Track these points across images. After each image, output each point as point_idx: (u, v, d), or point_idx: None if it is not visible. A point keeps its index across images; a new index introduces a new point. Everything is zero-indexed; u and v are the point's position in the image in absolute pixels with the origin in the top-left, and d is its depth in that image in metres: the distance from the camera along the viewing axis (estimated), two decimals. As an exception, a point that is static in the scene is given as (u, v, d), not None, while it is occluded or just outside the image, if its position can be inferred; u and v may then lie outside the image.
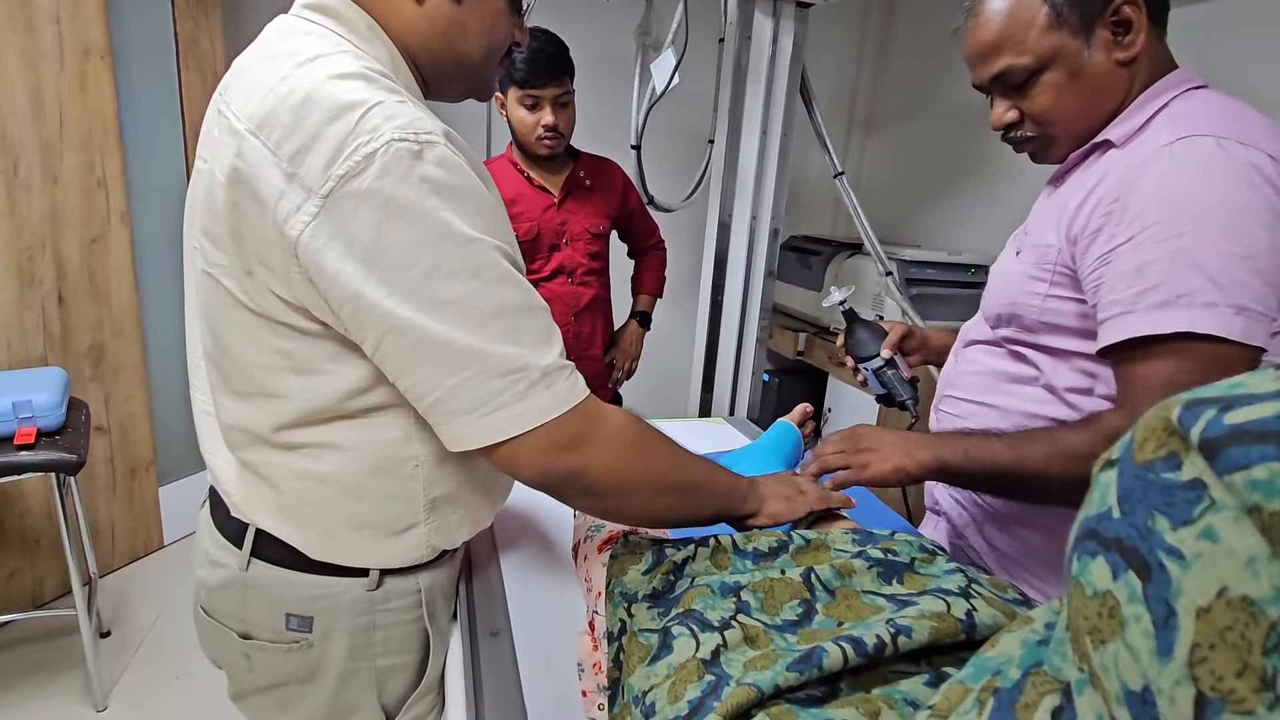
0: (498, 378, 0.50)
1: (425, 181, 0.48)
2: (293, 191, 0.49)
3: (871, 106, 2.85)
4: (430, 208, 0.48)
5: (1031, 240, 0.76)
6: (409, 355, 0.50)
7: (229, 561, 0.65)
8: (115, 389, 1.93)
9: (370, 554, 0.64)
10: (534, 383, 0.51)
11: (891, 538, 0.62)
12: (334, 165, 0.48)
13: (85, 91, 1.75)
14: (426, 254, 0.49)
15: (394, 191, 0.48)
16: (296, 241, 0.49)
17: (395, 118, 0.49)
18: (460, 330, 0.49)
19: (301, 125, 0.49)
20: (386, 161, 0.47)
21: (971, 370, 0.85)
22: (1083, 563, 0.23)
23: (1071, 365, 0.74)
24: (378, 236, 0.48)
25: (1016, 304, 0.76)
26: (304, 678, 0.67)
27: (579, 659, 0.63)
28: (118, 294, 1.89)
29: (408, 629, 0.68)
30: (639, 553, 0.63)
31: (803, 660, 0.43)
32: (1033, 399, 0.77)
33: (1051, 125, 0.73)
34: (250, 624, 0.66)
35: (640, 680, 0.48)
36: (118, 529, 2.00)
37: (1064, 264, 0.71)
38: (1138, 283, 0.63)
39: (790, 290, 2.44)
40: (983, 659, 0.32)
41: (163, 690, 1.58)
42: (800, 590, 0.53)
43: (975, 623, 0.47)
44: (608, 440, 0.55)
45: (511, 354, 0.51)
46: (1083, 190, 0.70)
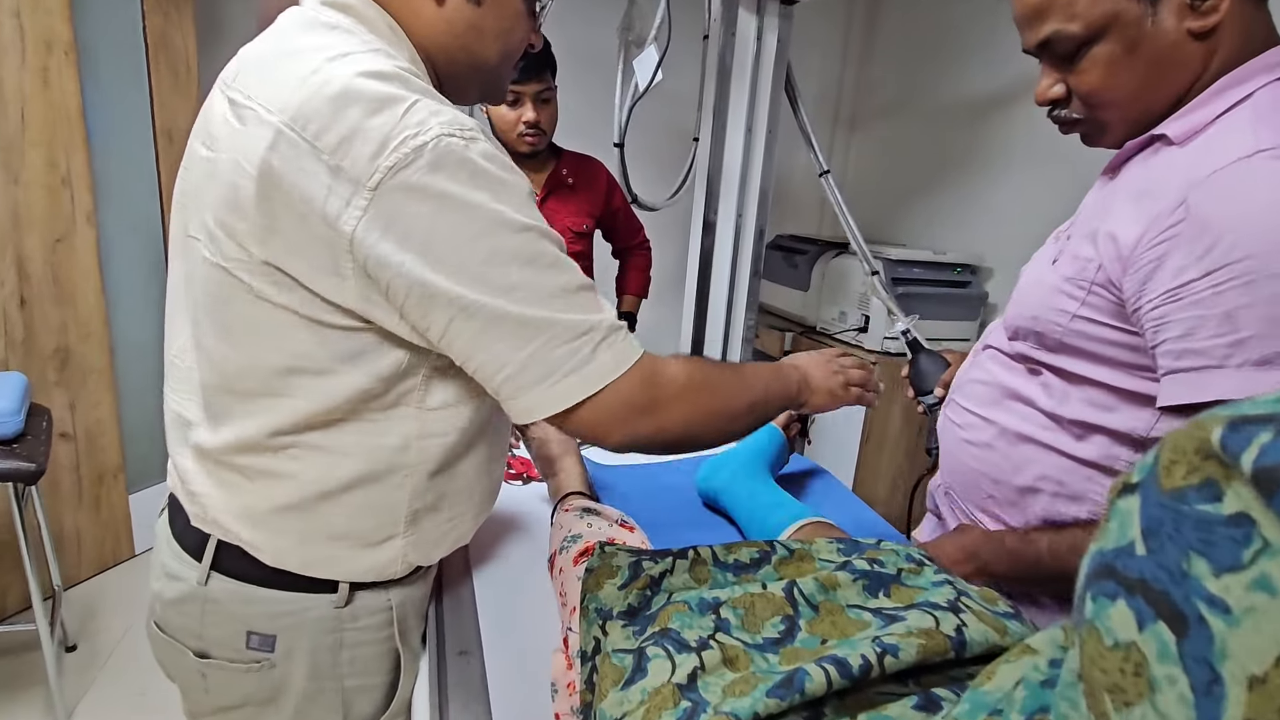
0: (565, 344, 0.52)
1: (477, 175, 0.50)
2: (340, 186, 0.48)
3: (856, 104, 2.84)
4: (483, 200, 0.50)
5: (1071, 248, 0.66)
6: (479, 335, 0.51)
7: (187, 574, 0.62)
8: (82, 394, 1.86)
9: (342, 565, 0.61)
10: (597, 344, 0.53)
11: (878, 547, 0.60)
12: (380, 157, 0.47)
13: (48, 87, 1.69)
14: (484, 243, 0.50)
15: (446, 185, 0.49)
16: (351, 236, 0.49)
17: (440, 113, 0.50)
18: (527, 307, 0.51)
19: (342, 117, 0.48)
20: (437, 155, 0.48)
21: (981, 379, 0.78)
22: (1099, 605, 0.20)
23: (1084, 395, 0.66)
24: (433, 228, 0.49)
25: (1039, 319, 0.67)
26: (264, 699, 0.64)
27: (552, 679, 0.60)
28: (84, 296, 1.83)
29: (377, 649, 0.65)
30: (615, 566, 0.60)
31: (784, 685, 0.40)
32: (1035, 424, 0.70)
33: (1101, 107, 0.62)
34: (208, 641, 0.62)
35: (613, 706, 0.45)
36: (85, 539, 1.93)
37: (1104, 284, 0.60)
38: (1226, 332, 0.52)
39: (776, 290, 2.42)
40: (979, 694, 0.29)
41: (129, 707, 1.52)
42: (782, 606, 0.51)
43: (965, 639, 0.45)
44: (677, 399, 0.57)
45: (576, 320, 0.53)
46: (1132, 197, 0.59)
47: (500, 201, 0.50)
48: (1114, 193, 0.64)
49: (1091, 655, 0.20)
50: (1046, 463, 0.69)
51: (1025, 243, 0.82)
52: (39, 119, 1.68)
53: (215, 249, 0.54)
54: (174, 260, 0.62)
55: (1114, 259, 0.59)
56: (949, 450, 0.81)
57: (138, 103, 1.94)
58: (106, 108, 1.86)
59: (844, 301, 2.15)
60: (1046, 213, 2.05)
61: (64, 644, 1.67)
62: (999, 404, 0.74)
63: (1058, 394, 0.68)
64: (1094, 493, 0.66)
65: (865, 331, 2.07)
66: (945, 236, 2.34)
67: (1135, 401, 0.63)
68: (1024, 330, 0.70)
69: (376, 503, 0.59)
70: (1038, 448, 0.70)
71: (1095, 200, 0.68)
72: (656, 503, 1.01)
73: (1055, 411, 0.68)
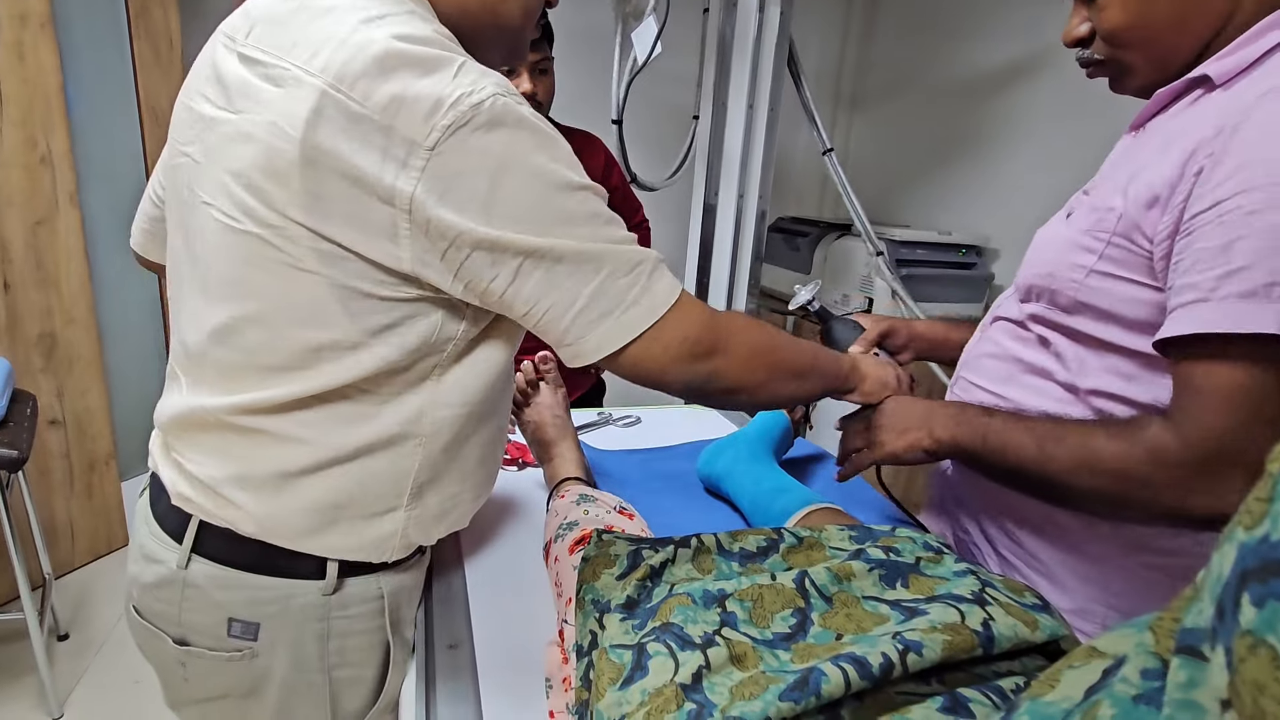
0: (625, 275, 0.53)
1: (534, 135, 0.50)
2: (395, 147, 0.47)
3: (859, 83, 2.77)
4: (543, 160, 0.50)
5: (1090, 201, 0.62)
6: (546, 276, 0.52)
7: (166, 557, 0.59)
8: (69, 381, 1.82)
9: (337, 538, 0.57)
10: (650, 273, 0.54)
11: (893, 534, 0.56)
12: (436, 116, 0.47)
13: (24, 62, 1.63)
14: (548, 201, 0.51)
15: (506, 143, 0.49)
16: (411, 197, 0.48)
17: (489, 74, 0.50)
18: (590, 243, 0.52)
19: (391, 78, 0.47)
20: (494, 114, 0.48)
21: (991, 353, 0.74)
22: (1273, 612, 0.15)
23: (1103, 362, 0.62)
24: (494, 187, 0.49)
25: (1054, 275, 0.63)
26: (246, 691, 0.61)
27: (546, 674, 0.57)
28: (68, 280, 1.78)
29: (367, 639, 0.62)
30: (613, 555, 0.57)
31: (798, 686, 0.37)
32: (1053, 398, 0.66)
33: (1125, 47, 0.60)
34: (187, 628, 0.59)
35: (610, 707, 0.42)
36: (77, 527, 1.90)
37: (1125, 234, 0.57)
38: (1219, 264, 0.49)
39: (778, 273, 2.37)
40: (1041, 705, 0.26)
41: (122, 695, 1.50)
42: (793, 598, 0.47)
43: (994, 635, 0.41)
44: (737, 345, 0.58)
45: (631, 251, 0.54)
46: (1165, 142, 0.56)
47: (557, 161, 0.51)
48: (1143, 144, 0.61)
49: (1260, 681, 0.15)
50: None
51: (1031, 223, 0.77)
52: (16, 96, 1.62)
53: (243, 214, 0.52)
54: (173, 229, 0.60)
55: (1144, 204, 0.55)
56: None
57: (120, 79, 1.89)
58: (87, 84, 1.80)
59: (847, 284, 2.11)
60: (1052, 192, 2.00)
61: (56, 632, 1.65)
62: (1013, 379, 0.70)
63: (1074, 364, 0.64)
64: None
65: (868, 314, 2.03)
66: (950, 217, 2.29)
67: (1157, 368, 0.59)
68: (1038, 289, 0.66)
69: (386, 471, 0.57)
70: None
71: (1121, 155, 0.65)
72: (657, 489, 0.97)
73: (1073, 383, 0.64)
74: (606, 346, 0.54)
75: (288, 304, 0.52)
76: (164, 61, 1.97)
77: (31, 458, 1.46)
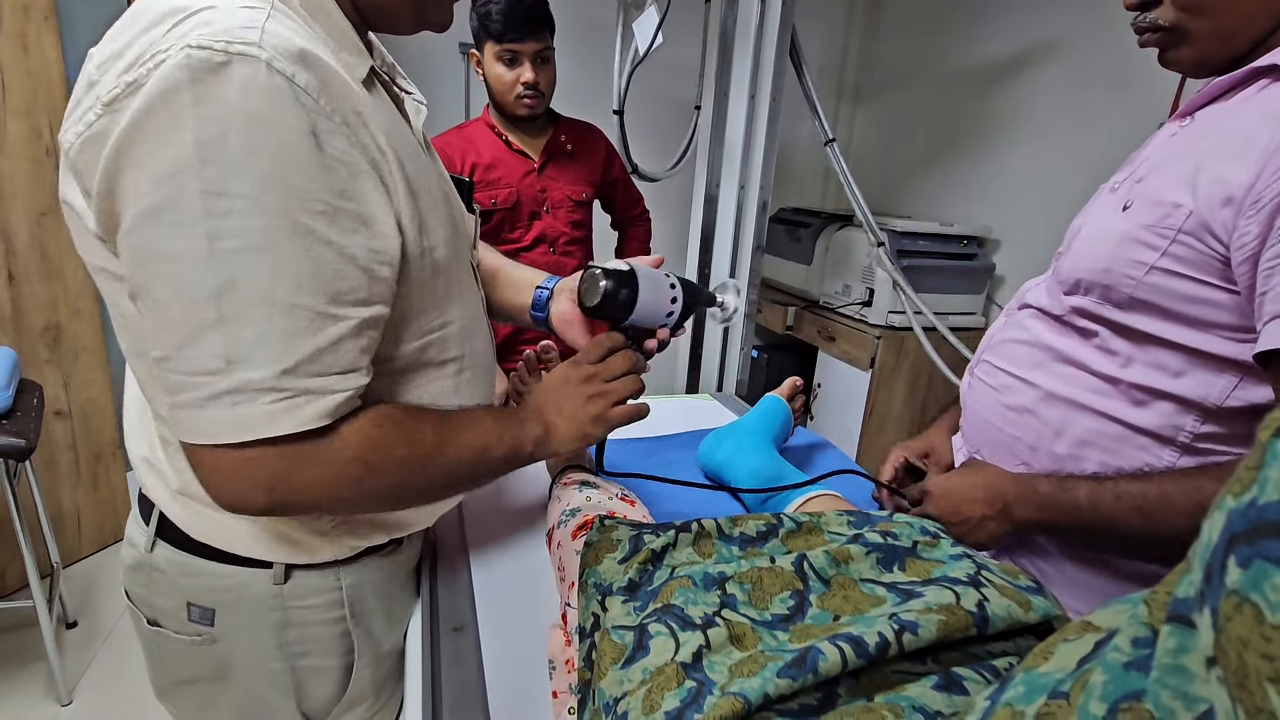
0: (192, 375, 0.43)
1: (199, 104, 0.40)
2: (87, 99, 0.42)
3: (861, 75, 2.76)
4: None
5: (1149, 193, 0.60)
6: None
7: (139, 540, 0.60)
8: (75, 371, 1.83)
9: (260, 542, 0.56)
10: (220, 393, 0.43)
11: (890, 519, 0.57)
12: (127, 73, 0.40)
13: (28, 54, 1.63)
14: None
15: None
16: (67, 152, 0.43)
17: (212, 23, 0.40)
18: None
19: (119, 36, 0.42)
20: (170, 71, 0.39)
21: (1021, 339, 0.73)
22: (1259, 571, 0.16)
23: (1150, 357, 0.61)
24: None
25: (1111, 271, 0.61)
26: (213, 675, 0.62)
27: (549, 656, 0.58)
28: (73, 271, 1.79)
29: (327, 630, 0.61)
30: (615, 540, 0.58)
31: (796, 664, 0.38)
32: (1085, 387, 0.65)
33: (1194, 12, 0.57)
34: (156, 611, 0.61)
35: (612, 685, 0.43)
36: (84, 516, 1.92)
37: (1194, 232, 0.55)
38: None
39: (779, 264, 2.37)
40: (1034, 674, 0.26)
41: (130, 681, 1.52)
42: (792, 580, 0.48)
43: (988, 615, 0.42)
44: (318, 483, 0.46)
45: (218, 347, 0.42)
46: (1235, 135, 0.54)
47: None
48: (1202, 133, 0.59)
49: (1244, 637, 0.16)
50: (1094, 429, 0.64)
51: (1033, 214, 0.76)
52: (19, 87, 1.62)
53: None
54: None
55: (1218, 202, 0.53)
56: (978, 414, 0.76)
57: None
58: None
59: (848, 275, 2.11)
60: (1054, 184, 2.00)
61: (64, 620, 1.67)
62: (1043, 366, 0.69)
63: (1120, 356, 0.63)
64: (1146, 463, 0.62)
65: (870, 305, 2.03)
66: (951, 208, 2.29)
67: (1210, 365, 0.58)
68: (1089, 284, 0.64)
69: None
70: (1086, 413, 0.65)
71: (1167, 149, 0.63)
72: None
73: (1114, 374, 0.63)
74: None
75: None
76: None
77: (38, 448, 1.47)
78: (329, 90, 0.43)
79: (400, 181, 0.48)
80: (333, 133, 0.43)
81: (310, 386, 0.43)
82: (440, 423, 0.53)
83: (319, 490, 0.47)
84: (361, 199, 0.45)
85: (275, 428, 0.43)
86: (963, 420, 0.81)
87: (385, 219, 0.47)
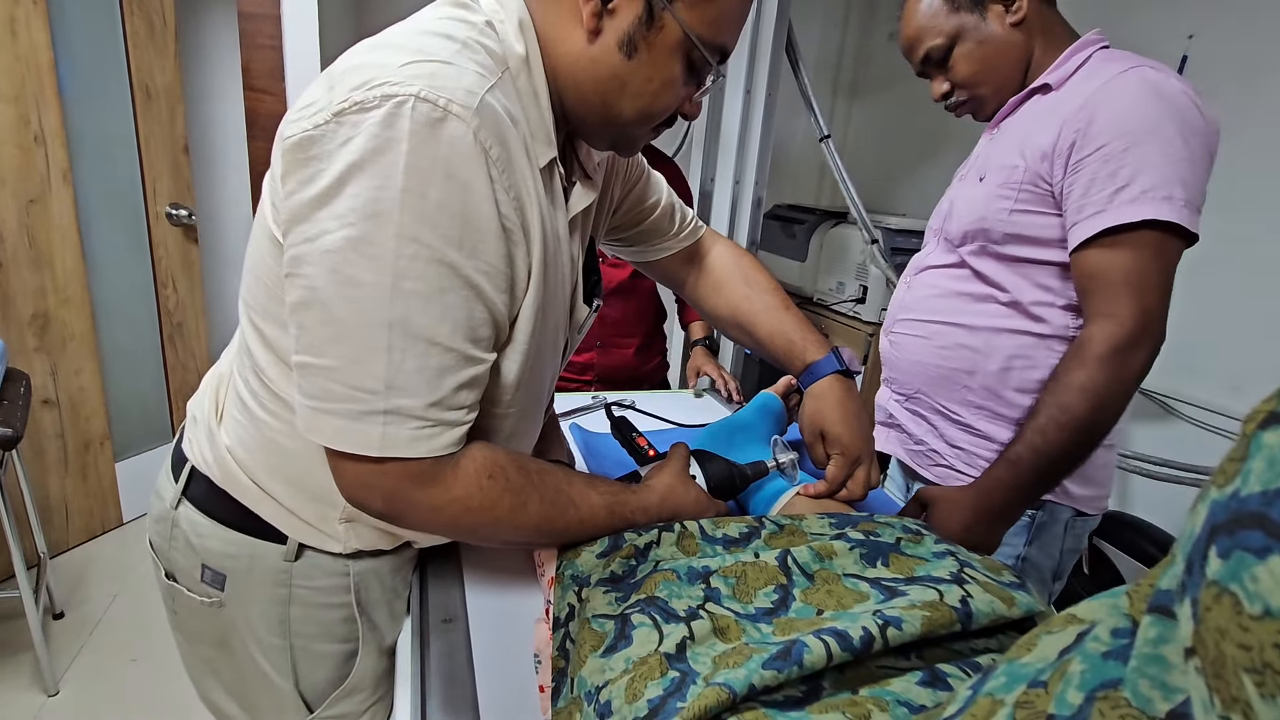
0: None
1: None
2: (322, 99, 0.47)
3: (857, 72, 2.76)
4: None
5: (994, 166, 0.88)
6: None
7: (166, 494, 0.63)
8: (63, 360, 1.82)
9: (286, 516, 0.59)
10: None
11: (871, 519, 0.57)
12: (356, 90, 0.45)
13: (16, 39, 1.61)
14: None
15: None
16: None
17: (443, 78, 0.45)
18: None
19: (367, 52, 0.48)
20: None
21: (931, 294, 0.95)
22: (1238, 561, 0.16)
23: (1031, 280, 0.86)
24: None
25: (986, 218, 0.87)
26: (218, 640, 0.64)
27: (535, 649, 0.58)
28: (61, 259, 1.77)
29: (331, 614, 0.63)
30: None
31: (781, 656, 0.38)
32: (997, 314, 0.88)
33: (975, 86, 0.90)
34: (174, 565, 0.63)
35: (593, 673, 0.43)
36: (72, 507, 1.91)
37: (1028, 182, 0.83)
38: (1108, 185, 0.74)
39: (774, 261, 2.37)
40: (1016, 665, 0.26)
41: (119, 672, 1.52)
42: (776, 575, 0.48)
43: (971, 610, 0.42)
44: (425, 506, 0.51)
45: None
46: (1035, 121, 0.84)
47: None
48: (1012, 131, 0.88)
49: (1222, 627, 0.16)
50: (1014, 343, 0.87)
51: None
52: (8, 72, 1.60)
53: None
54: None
55: (1039, 158, 0.81)
56: (916, 361, 0.97)
57: (112, 56, 1.86)
58: (79, 61, 1.78)
59: (842, 272, 2.11)
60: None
61: (51, 611, 1.66)
62: (961, 309, 0.91)
63: (1010, 285, 0.87)
64: (1053, 359, 0.84)
65: (863, 302, 2.04)
66: (947, 207, 2.29)
67: (1069, 276, 0.82)
68: (973, 233, 0.89)
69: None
70: (1004, 334, 0.88)
71: (995, 141, 0.91)
72: (649, 472, 0.98)
73: (1015, 300, 0.87)
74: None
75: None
76: (158, 38, 1.95)
77: (26, 437, 1.46)
78: (511, 168, 0.49)
79: (539, 264, 0.53)
80: (506, 204, 0.49)
81: (446, 418, 0.49)
82: (550, 500, 0.55)
83: (424, 512, 0.51)
84: (513, 265, 0.51)
85: (414, 450, 0.48)
86: (892, 373, 1.03)
87: (520, 285, 0.53)
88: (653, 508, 0.61)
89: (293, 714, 0.65)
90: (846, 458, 0.71)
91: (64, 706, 1.43)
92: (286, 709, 0.65)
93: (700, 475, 0.70)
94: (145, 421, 2.10)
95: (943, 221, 0.97)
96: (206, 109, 2.27)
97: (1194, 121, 0.74)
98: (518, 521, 0.54)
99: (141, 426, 2.08)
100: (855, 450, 0.71)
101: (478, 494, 0.51)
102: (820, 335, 0.80)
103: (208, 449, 0.60)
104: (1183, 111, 0.74)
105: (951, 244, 0.93)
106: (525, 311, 0.54)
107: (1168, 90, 0.74)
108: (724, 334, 0.90)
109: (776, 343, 0.79)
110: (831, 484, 0.71)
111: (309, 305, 0.46)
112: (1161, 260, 0.75)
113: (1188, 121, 0.73)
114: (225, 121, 2.28)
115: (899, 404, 1.03)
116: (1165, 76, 0.76)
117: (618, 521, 0.58)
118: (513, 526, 0.54)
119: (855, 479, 0.71)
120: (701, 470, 0.70)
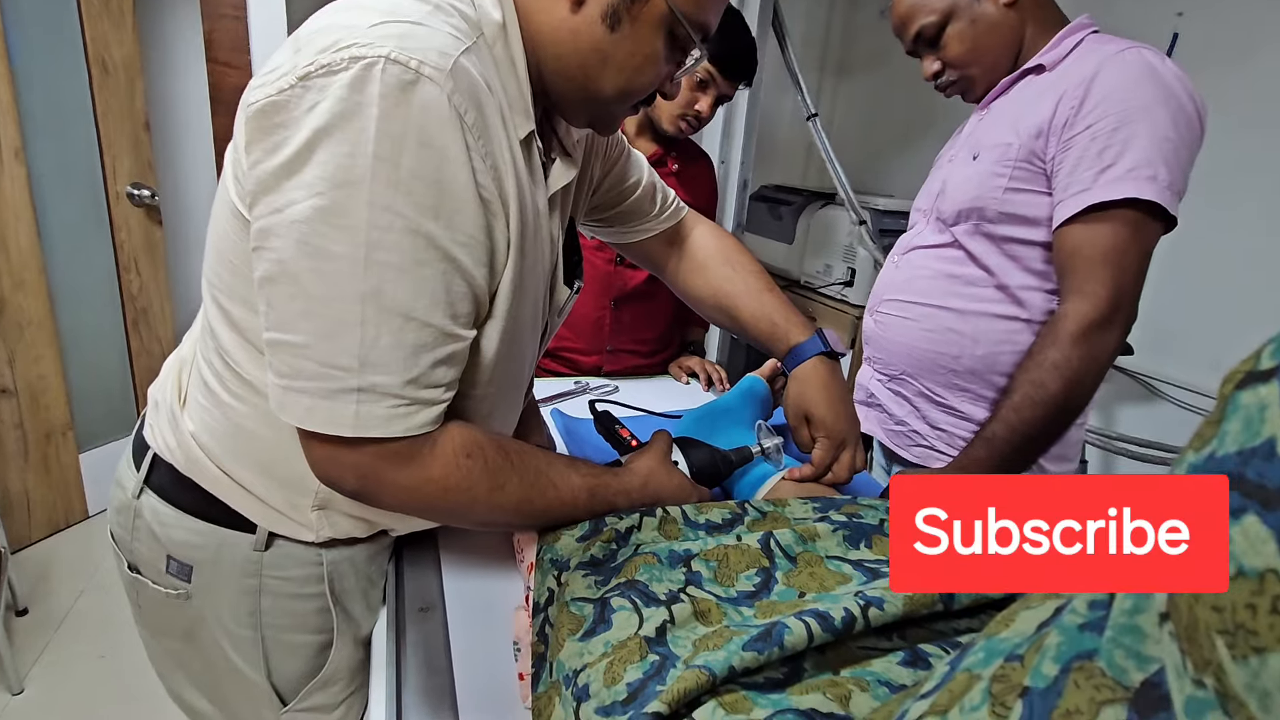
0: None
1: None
2: (287, 64, 0.45)
3: (844, 50, 2.73)
4: None
5: (988, 145, 0.87)
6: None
7: (127, 483, 0.60)
8: (20, 347, 1.75)
9: (255, 503, 0.57)
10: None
11: (854, 502, 0.56)
12: (323, 53, 0.43)
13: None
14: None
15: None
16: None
17: (414, 39, 0.43)
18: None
19: (335, 13, 0.46)
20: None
21: (920, 275, 0.94)
22: None
23: (1019, 264, 0.86)
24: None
25: (980, 197, 0.86)
26: (185, 633, 0.61)
27: (515, 637, 0.56)
28: (15, 240, 1.70)
29: (305, 605, 0.61)
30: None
31: (762, 638, 0.36)
32: (987, 299, 0.88)
33: (966, 66, 0.89)
34: (136, 557, 0.61)
35: (572, 657, 0.41)
36: (34, 500, 1.84)
37: (1022, 159, 0.82)
38: (1094, 164, 0.75)
39: (760, 243, 2.35)
40: (994, 640, 0.26)
41: (85, 670, 1.47)
42: (758, 558, 0.47)
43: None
44: (400, 486, 0.49)
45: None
46: (1029, 101, 0.84)
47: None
48: (1003, 111, 0.88)
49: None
50: (1000, 328, 0.88)
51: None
52: (-50, 42, 1.52)
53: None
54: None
55: (1033, 134, 0.81)
56: (902, 343, 0.96)
57: (66, 28, 1.77)
58: (30, 33, 1.69)
59: (829, 254, 2.10)
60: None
61: (14, 608, 1.61)
62: (951, 292, 0.91)
63: (999, 269, 0.87)
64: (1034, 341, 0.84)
65: (850, 285, 2.03)
66: (930, 190, 2.28)
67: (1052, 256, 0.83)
68: (967, 211, 0.88)
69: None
70: (992, 319, 0.88)
71: (985, 121, 0.91)
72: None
73: (1002, 283, 0.87)
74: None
75: None
76: (113, 9, 1.86)
77: (-19, 426, 1.40)
78: (488, 135, 0.47)
79: (517, 238, 0.51)
80: (483, 172, 0.47)
81: (422, 396, 0.47)
82: (530, 481, 0.54)
83: (399, 492, 0.49)
84: (492, 236, 0.49)
85: (389, 430, 0.46)
86: (876, 353, 1.01)
87: (500, 258, 0.51)
88: (634, 491, 0.59)
89: (266, 707, 0.64)
90: (832, 441, 0.70)
91: (29, 705, 1.39)
92: (259, 702, 0.63)
93: (684, 463, 0.68)
94: (109, 411, 2.03)
95: (934, 201, 0.95)
96: (168, 83, 2.18)
97: (1186, 109, 0.74)
98: (496, 502, 0.52)
99: (106, 416, 2.02)
100: (840, 433, 0.70)
101: (455, 473, 0.49)
102: (804, 317, 0.78)
103: (170, 435, 0.58)
104: (1178, 97, 0.74)
105: (945, 223, 0.92)
106: (503, 287, 0.52)
107: (1165, 74, 0.75)
108: (706, 317, 0.87)
109: (760, 325, 0.78)
110: (817, 468, 0.70)
111: (277, 280, 0.44)
112: (1139, 240, 0.75)
113: (1181, 107, 0.74)
114: (188, 97, 2.20)
115: (881, 384, 1.02)
116: (1163, 60, 0.76)
117: (599, 504, 0.57)
118: (491, 507, 0.52)
119: (841, 462, 0.70)
120: (685, 457, 0.69)
